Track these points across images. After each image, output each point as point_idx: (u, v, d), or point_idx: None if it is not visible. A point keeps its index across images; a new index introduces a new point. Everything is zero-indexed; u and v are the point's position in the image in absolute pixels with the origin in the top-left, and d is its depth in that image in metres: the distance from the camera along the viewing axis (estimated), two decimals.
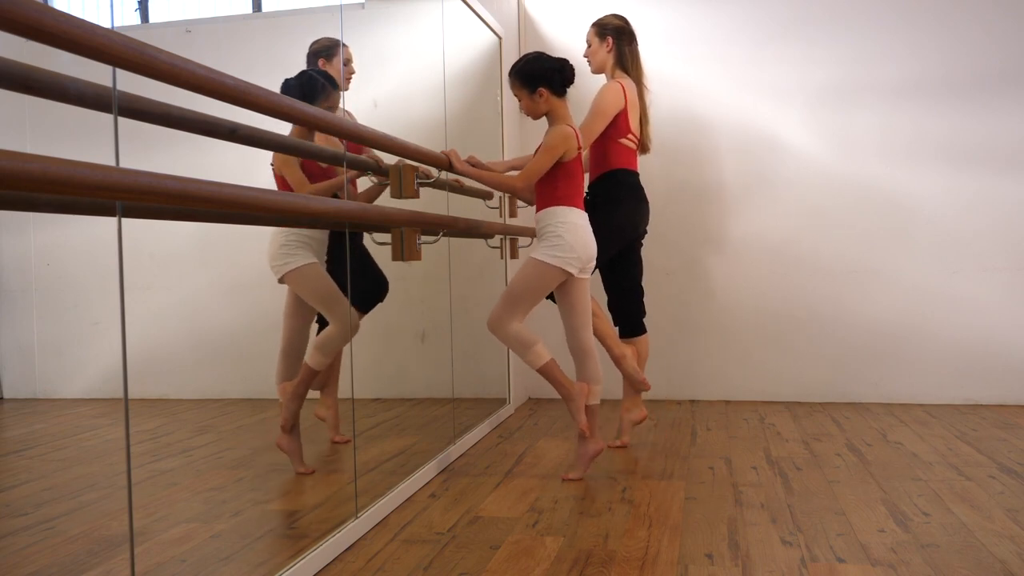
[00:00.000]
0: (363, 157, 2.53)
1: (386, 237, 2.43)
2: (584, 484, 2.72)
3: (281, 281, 2.46)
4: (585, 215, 2.77)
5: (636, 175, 3.20)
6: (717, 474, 2.81)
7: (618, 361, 3.18)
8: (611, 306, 3.27)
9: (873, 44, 4.03)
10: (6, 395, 2.40)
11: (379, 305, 2.93)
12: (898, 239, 4.03)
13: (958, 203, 3.97)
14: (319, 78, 2.44)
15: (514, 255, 3.79)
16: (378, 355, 3.33)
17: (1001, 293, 3.93)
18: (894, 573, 1.88)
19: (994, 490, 2.53)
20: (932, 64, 3.97)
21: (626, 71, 3.22)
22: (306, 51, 2.63)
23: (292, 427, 2.49)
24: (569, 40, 4.29)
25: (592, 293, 3.14)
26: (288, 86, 2.32)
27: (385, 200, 2.71)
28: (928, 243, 4.00)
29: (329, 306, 2.50)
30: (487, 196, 3.44)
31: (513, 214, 3.80)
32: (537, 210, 2.78)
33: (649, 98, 3.31)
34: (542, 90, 2.69)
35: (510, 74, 2.75)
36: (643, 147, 3.27)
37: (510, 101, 4.19)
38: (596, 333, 3.12)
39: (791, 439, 3.32)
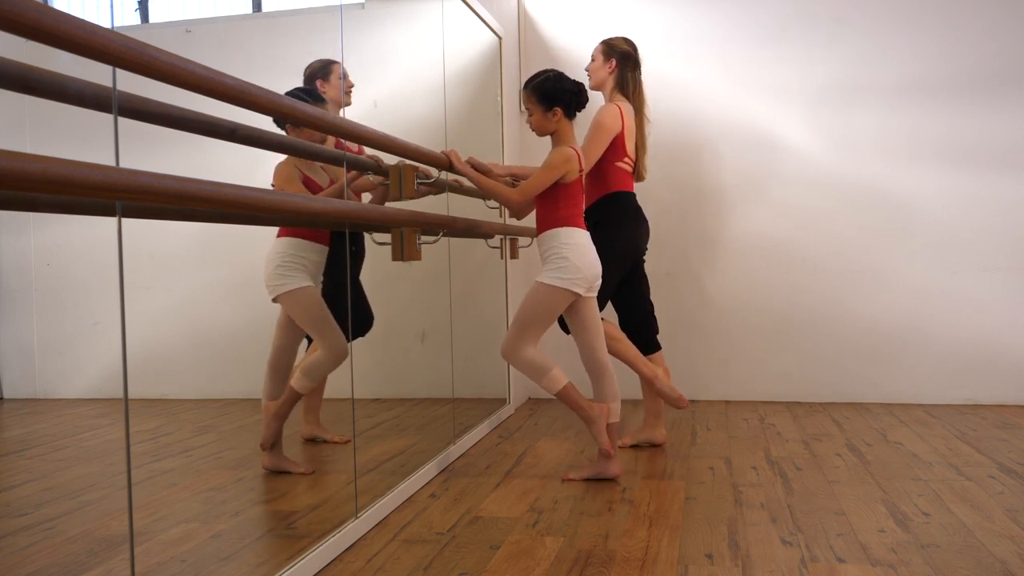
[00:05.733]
0: (363, 158, 2.53)
1: (386, 237, 2.43)
2: (584, 484, 2.72)
3: (275, 300, 2.46)
4: (587, 234, 2.76)
5: (634, 196, 3.20)
6: (717, 474, 2.81)
7: (651, 382, 3.13)
8: (623, 325, 3.25)
9: (873, 44, 4.03)
10: (6, 395, 2.40)
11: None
12: (898, 239, 4.03)
13: (958, 203, 3.97)
14: (303, 96, 2.44)
15: (514, 255, 3.79)
16: (378, 355, 3.33)
17: (1001, 293, 3.93)
18: (894, 573, 1.88)
19: (994, 490, 2.53)
20: (932, 64, 3.97)
21: (626, 96, 3.21)
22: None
23: (273, 445, 2.50)
24: (569, 40, 4.30)
25: (609, 317, 3.13)
26: None
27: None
28: (928, 243, 4.00)
29: (320, 331, 2.49)
30: (486, 197, 3.44)
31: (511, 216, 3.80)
32: (538, 232, 2.78)
33: (649, 128, 3.29)
34: (557, 110, 2.70)
35: (526, 88, 2.74)
36: (638, 175, 3.26)
37: (510, 101, 4.19)
38: (622, 358, 3.10)
39: (791, 439, 3.32)
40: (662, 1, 4.24)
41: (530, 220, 2.98)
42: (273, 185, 2.39)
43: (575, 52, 4.16)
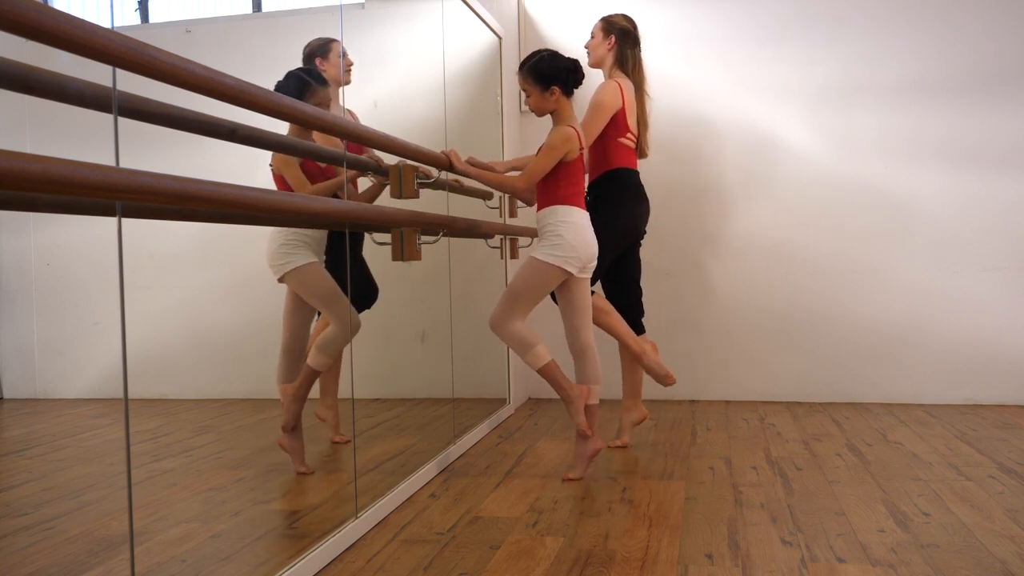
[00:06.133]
0: (363, 157, 2.53)
1: (386, 237, 2.43)
2: (584, 484, 2.72)
3: (281, 280, 2.46)
4: (586, 214, 2.77)
5: (637, 174, 3.20)
6: (717, 474, 2.81)
7: (639, 358, 3.14)
8: None
9: (873, 44, 4.03)
10: (6, 395, 2.40)
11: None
12: (898, 239, 4.03)
13: (958, 203, 3.97)
14: (305, 77, 2.43)
15: (514, 255, 3.79)
16: (378, 355, 3.33)
17: (1001, 293, 3.93)
18: (894, 573, 1.88)
19: (994, 490, 2.53)
20: (932, 64, 3.97)
21: (626, 73, 3.21)
22: (302, 54, 2.63)
23: (294, 428, 2.49)
24: (569, 40, 4.29)
25: (601, 292, 3.14)
26: (277, 88, 2.32)
27: (385, 200, 2.71)
28: (928, 243, 4.00)
29: (330, 306, 2.49)
30: (487, 196, 3.44)
31: (513, 214, 3.80)
32: (538, 209, 2.79)
33: (650, 105, 3.30)
34: (555, 88, 2.70)
35: (522, 69, 2.75)
36: (640, 152, 3.27)
37: (510, 101, 4.19)
38: (612, 332, 3.11)
39: (791, 439, 3.32)
40: (662, 1, 4.24)
41: (531, 220, 2.98)
42: (271, 166, 2.38)
43: (575, 52, 4.14)
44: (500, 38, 4.03)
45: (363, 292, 2.86)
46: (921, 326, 4.01)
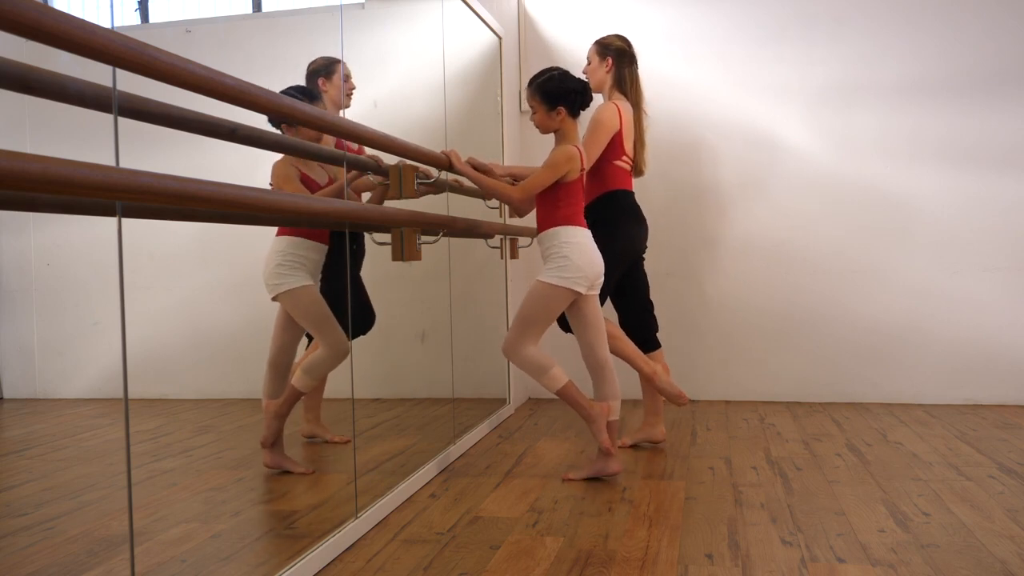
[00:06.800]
0: (363, 158, 2.53)
1: (386, 237, 2.43)
2: (584, 484, 2.72)
3: (274, 299, 2.46)
4: (588, 232, 2.76)
5: (632, 195, 3.20)
6: (717, 474, 2.81)
7: (650, 379, 3.13)
8: (623, 325, 3.25)
9: (873, 44, 4.03)
10: (6, 395, 2.40)
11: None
12: (898, 239, 4.03)
13: (958, 203, 3.97)
14: (297, 95, 2.44)
15: (514, 255, 3.79)
16: (378, 355, 3.33)
17: (1001, 293, 3.93)
18: (894, 573, 1.88)
19: (994, 490, 2.53)
20: (932, 64, 3.97)
21: (624, 93, 3.20)
22: (306, 63, 2.63)
23: (274, 443, 2.50)
24: (569, 40, 4.30)
25: (608, 315, 3.13)
26: None
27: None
28: (928, 243, 4.00)
29: (321, 329, 2.49)
30: (487, 196, 3.44)
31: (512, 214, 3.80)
32: (539, 230, 2.78)
33: (647, 122, 3.29)
34: (561, 109, 2.70)
35: (531, 86, 2.74)
36: (637, 170, 3.26)
37: (510, 101, 4.19)
38: (622, 355, 3.09)
39: (791, 439, 3.32)
40: (662, 1, 4.24)
41: (531, 220, 2.98)
42: (271, 184, 2.38)
43: (575, 52, 4.15)
44: (500, 38, 4.03)
45: (360, 318, 2.84)
46: (921, 326, 4.01)
